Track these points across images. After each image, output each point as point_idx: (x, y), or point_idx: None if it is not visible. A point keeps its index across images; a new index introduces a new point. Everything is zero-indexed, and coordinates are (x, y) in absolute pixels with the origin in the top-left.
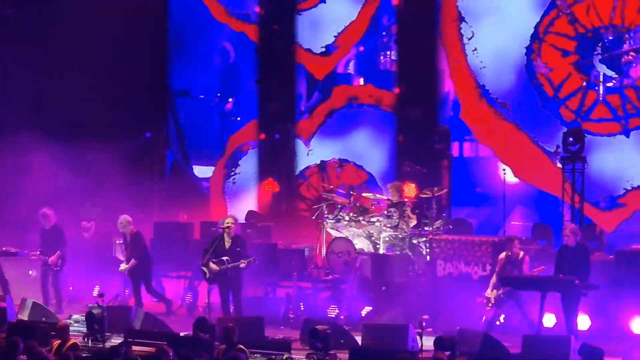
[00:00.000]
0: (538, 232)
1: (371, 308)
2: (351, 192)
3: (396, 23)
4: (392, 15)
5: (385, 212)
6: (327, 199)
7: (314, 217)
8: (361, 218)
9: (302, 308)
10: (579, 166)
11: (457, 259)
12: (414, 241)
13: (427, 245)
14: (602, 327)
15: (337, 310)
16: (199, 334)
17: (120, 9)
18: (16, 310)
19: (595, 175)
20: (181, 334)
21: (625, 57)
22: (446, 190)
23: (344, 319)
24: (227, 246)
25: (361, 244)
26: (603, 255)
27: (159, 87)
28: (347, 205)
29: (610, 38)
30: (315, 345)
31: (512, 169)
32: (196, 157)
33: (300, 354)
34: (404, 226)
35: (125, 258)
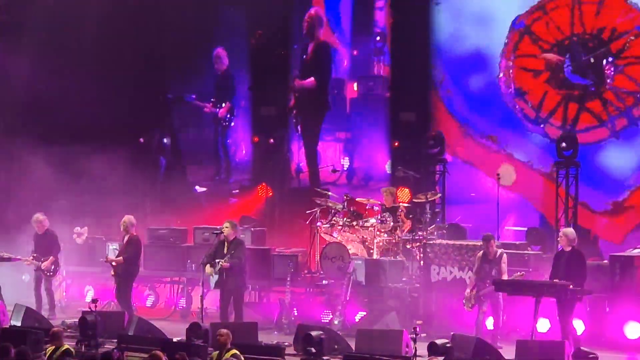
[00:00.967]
0: (532, 237)
1: (365, 313)
2: (345, 197)
3: (389, 29)
4: (385, 20)
5: (379, 216)
6: (321, 204)
7: (308, 222)
8: (355, 223)
9: (296, 313)
10: (573, 171)
11: (451, 264)
12: (408, 246)
13: (421, 250)
14: (596, 332)
15: (331, 316)
16: (192, 339)
17: (115, 14)
18: (9, 316)
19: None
20: (174, 339)
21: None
22: (440, 194)
23: (338, 324)
24: (226, 250)
25: (355, 249)
26: (597, 260)
27: (152, 92)
28: (340, 210)
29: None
30: (309, 350)
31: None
32: (190, 162)
33: None
34: (398, 231)
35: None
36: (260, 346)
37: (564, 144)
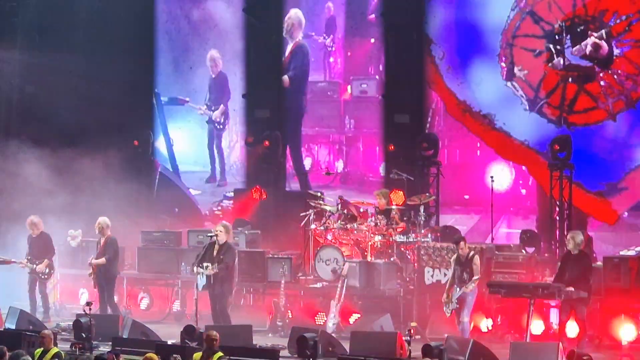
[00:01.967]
0: (526, 239)
1: (359, 316)
2: (339, 199)
3: (384, 28)
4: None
5: (373, 219)
6: (315, 207)
7: (302, 225)
8: (349, 225)
9: (290, 316)
10: (567, 172)
11: (445, 267)
12: (402, 248)
13: (415, 252)
14: (590, 333)
15: (325, 318)
16: (186, 341)
17: (108, 16)
18: (2, 319)
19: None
20: (169, 342)
21: (594, 42)
22: (434, 197)
23: (332, 326)
24: (215, 253)
25: (349, 252)
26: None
27: (146, 94)
28: (334, 213)
29: (579, 30)
30: (304, 353)
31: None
32: (184, 165)
33: None
34: (392, 233)
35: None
36: (254, 349)
37: (557, 147)
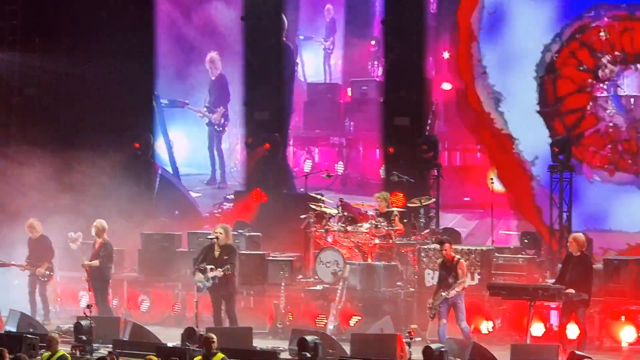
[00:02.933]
0: (526, 241)
1: (359, 318)
2: (339, 202)
3: (384, 31)
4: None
5: (374, 221)
6: (315, 209)
7: (302, 227)
8: (349, 228)
9: (291, 318)
10: (567, 175)
11: None
12: (402, 251)
13: (416, 254)
14: (591, 335)
15: (326, 320)
16: (187, 344)
17: (108, 19)
18: (3, 322)
19: None
20: (169, 344)
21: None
22: (434, 199)
23: (333, 328)
24: (217, 255)
25: (349, 254)
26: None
27: (146, 97)
28: (335, 215)
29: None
30: (304, 355)
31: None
32: (184, 167)
33: None
34: (393, 235)
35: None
36: (255, 351)
37: (557, 149)
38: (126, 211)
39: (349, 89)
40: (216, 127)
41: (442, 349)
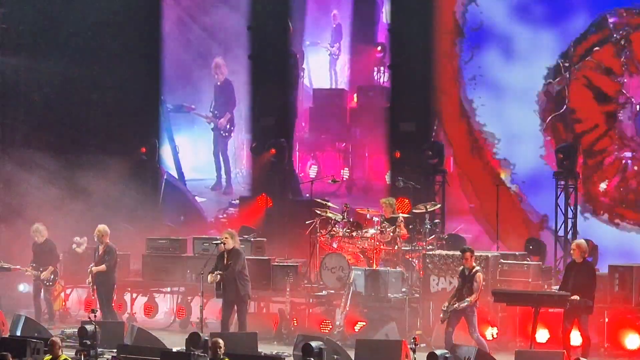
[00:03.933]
0: (531, 248)
1: (364, 323)
2: (344, 207)
3: (390, 39)
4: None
5: (379, 227)
6: (321, 215)
7: (308, 233)
8: (355, 233)
9: (296, 323)
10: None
11: (451, 275)
12: (408, 257)
13: (421, 260)
14: (595, 342)
15: (331, 326)
16: (192, 349)
17: (114, 23)
18: (8, 326)
19: None
20: (174, 349)
21: None
22: (439, 205)
23: (338, 334)
24: (226, 261)
25: (354, 259)
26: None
27: (152, 102)
28: (340, 221)
29: None
30: None
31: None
32: (190, 173)
33: None
34: (398, 241)
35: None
36: (260, 356)
37: (561, 155)
38: (131, 216)
39: (355, 95)
40: (222, 132)
41: (447, 356)
